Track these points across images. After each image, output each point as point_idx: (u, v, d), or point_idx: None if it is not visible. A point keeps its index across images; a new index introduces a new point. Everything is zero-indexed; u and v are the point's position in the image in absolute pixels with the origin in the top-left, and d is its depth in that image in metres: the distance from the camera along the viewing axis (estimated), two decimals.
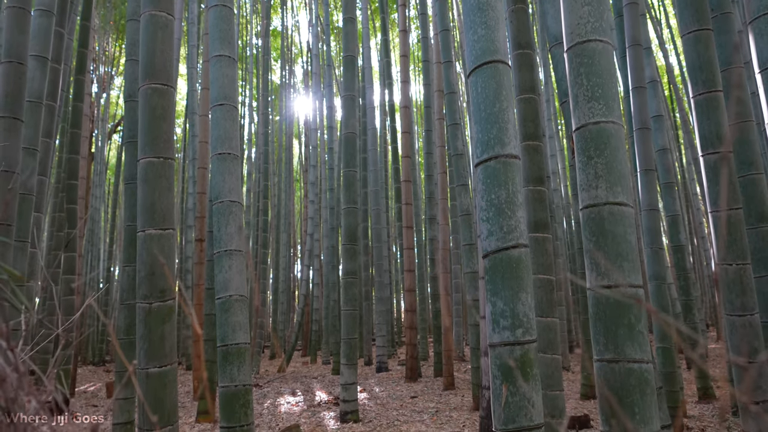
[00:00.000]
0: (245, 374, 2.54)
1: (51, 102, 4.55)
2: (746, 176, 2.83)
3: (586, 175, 1.67)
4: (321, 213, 12.78)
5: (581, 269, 6.35)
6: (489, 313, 1.53)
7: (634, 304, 1.57)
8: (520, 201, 1.57)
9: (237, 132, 2.84)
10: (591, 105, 1.70)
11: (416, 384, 6.78)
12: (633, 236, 1.64)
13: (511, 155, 1.59)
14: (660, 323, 4.00)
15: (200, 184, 7.12)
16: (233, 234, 2.67)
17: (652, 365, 1.59)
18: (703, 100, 2.67)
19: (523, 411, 1.45)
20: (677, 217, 5.19)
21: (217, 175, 2.77)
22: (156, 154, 2.05)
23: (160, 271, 1.97)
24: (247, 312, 2.60)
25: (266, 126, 11.68)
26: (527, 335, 1.48)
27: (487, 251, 1.56)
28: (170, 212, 2.03)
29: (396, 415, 4.95)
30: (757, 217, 2.80)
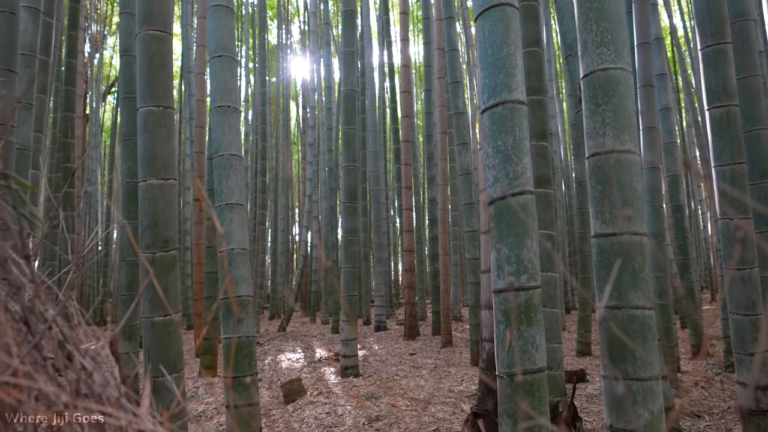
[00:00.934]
0: (248, 326, 2.56)
1: (44, 57, 4.45)
2: (751, 131, 2.80)
3: (593, 123, 1.65)
4: (319, 175, 12.74)
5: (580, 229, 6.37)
6: (494, 259, 1.54)
7: (638, 252, 1.57)
8: (526, 147, 1.55)
9: (236, 85, 2.79)
10: (600, 51, 1.67)
11: (415, 342, 6.89)
12: (639, 184, 1.63)
13: (518, 101, 1.56)
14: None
15: (198, 144, 7.05)
16: (234, 187, 2.65)
17: (654, 312, 1.61)
18: (710, 52, 2.62)
19: (527, 355, 1.47)
20: (677, 177, 5.18)
21: (217, 128, 2.73)
22: (155, 103, 2.02)
23: (163, 221, 1.96)
24: (249, 265, 2.61)
25: (263, 86, 11.50)
26: (532, 281, 1.48)
27: (493, 198, 1.55)
28: (171, 162, 2.01)
29: (395, 370, 5.05)
30: (760, 172, 2.79)
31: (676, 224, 5.22)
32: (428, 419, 3.40)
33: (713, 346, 5.72)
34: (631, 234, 1.57)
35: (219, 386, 4.62)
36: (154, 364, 1.83)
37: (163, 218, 1.95)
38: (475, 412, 2.70)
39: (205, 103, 7.31)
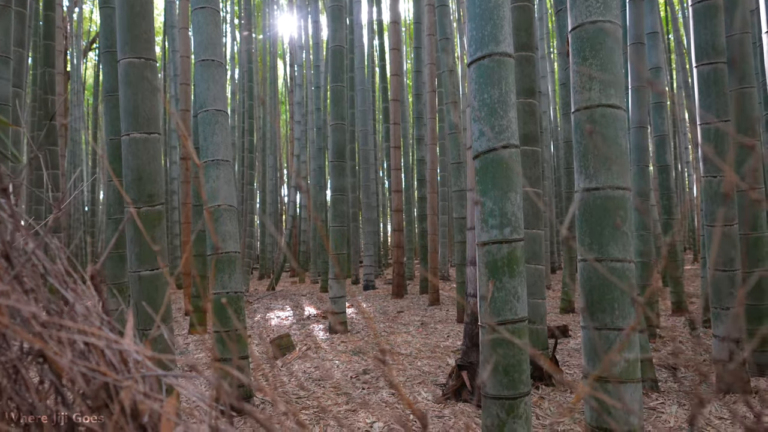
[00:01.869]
0: (236, 281, 2.59)
1: (20, 8, 4.30)
2: (738, 89, 2.81)
3: (580, 77, 1.64)
4: (308, 135, 12.61)
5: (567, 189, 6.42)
6: (478, 213, 1.55)
7: (620, 206, 1.59)
8: (513, 101, 1.54)
9: (220, 38, 2.73)
10: (588, 3, 1.65)
11: (402, 300, 7.00)
12: (624, 139, 1.64)
13: (505, 53, 1.55)
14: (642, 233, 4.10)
15: (183, 102, 6.92)
16: (220, 144, 2.62)
17: (634, 264, 1.64)
18: (701, 8, 2.59)
19: (509, 305, 1.50)
20: (665, 137, 5.20)
21: (201, 83, 2.68)
22: (136, 54, 1.97)
23: (147, 175, 1.94)
24: (237, 222, 2.61)
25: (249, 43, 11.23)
26: (515, 234, 1.50)
27: (478, 151, 1.56)
28: (155, 115, 1.97)
29: (383, 327, 5.14)
30: (745, 131, 2.81)
31: (661, 184, 5.27)
32: (414, 372, 3.49)
33: (693, 303, 5.87)
34: (614, 188, 1.59)
35: (209, 342, 4.69)
36: (141, 317, 1.85)
37: (147, 172, 1.94)
38: (459, 364, 2.78)
39: (189, 59, 7.13)
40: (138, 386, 0.47)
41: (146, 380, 0.48)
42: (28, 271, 0.47)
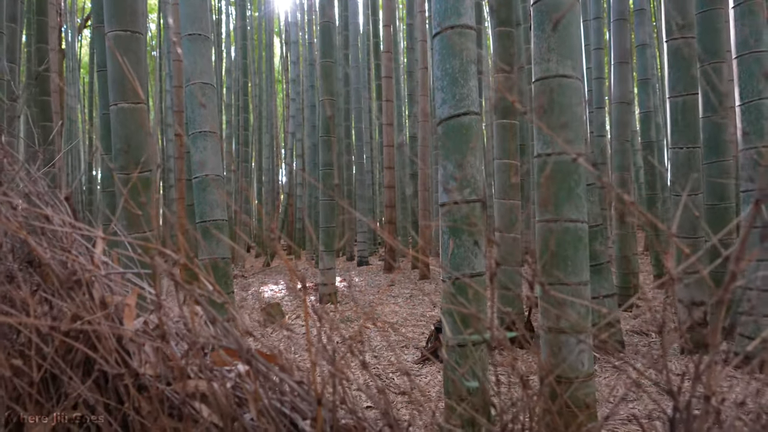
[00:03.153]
0: (224, 248, 2.71)
1: None
2: (709, 64, 2.90)
3: (539, 49, 1.75)
4: (303, 112, 12.63)
5: None
6: (440, 176, 1.67)
7: (573, 171, 1.71)
8: (473, 71, 1.65)
9: (207, 12, 2.81)
10: None
11: (393, 274, 7.15)
12: (579, 107, 1.75)
13: (466, 25, 1.65)
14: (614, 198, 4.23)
15: (177, 78, 6.98)
16: (207, 115, 2.72)
17: (587, 225, 1.76)
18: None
19: (467, 261, 1.63)
20: (649, 114, 5.28)
21: (188, 56, 2.77)
22: (123, 27, 2.06)
23: (135, 143, 2.05)
24: (224, 191, 2.72)
25: (244, 19, 11.21)
26: (473, 195, 1.62)
27: (441, 118, 1.67)
28: (141, 85, 2.07)
29: (373, 299, 5.29)
30: (712, 109, 2.91)
31: (644, 160, 5.37)
32: (398, 338, 3.64)
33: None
34: (569, 153, 1.70)
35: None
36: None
37: (135, 140, 2.04)
38: (437, 327, 2.92)
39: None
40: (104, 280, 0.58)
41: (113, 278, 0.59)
42: (15, 192, 0.59)
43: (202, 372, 0.55)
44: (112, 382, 0.59)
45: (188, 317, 0.58)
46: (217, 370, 0.57)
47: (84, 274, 0.57)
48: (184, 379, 0.54)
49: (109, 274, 0.59)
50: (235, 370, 0.59)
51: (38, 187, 0.61)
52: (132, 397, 0.58)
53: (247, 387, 0.56)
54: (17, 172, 0.58)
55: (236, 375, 0.59)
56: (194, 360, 0.55)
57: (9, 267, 0.60)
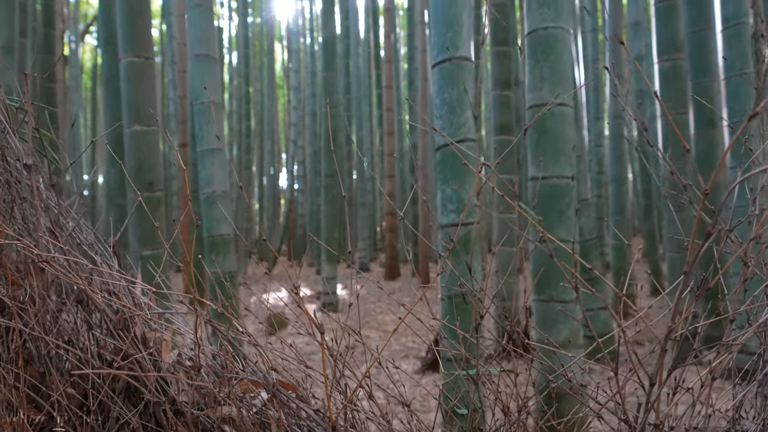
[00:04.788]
0: (230, 261, 2.80)
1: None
2: (700, 83, 2.99)
3: (533, 78, 1.84)
4: (305, 120, 12.73)
5: None
6: (439, 198, 1.76)
7: (565, 194, 1.80)
8: (470, 100, 1.74)
9: (214, 34, 2.91)
10: (542, 11, 1.84)
11: (395, 282, 7.24)
12: (570, 133, 1.84)
13: (463, 57, 1.74)
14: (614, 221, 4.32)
15: (181, 88, 7.09)
16: (214, 133, 2.82)
17: (578, 245, 1.86)
18: (663, 7, 2.77)
19: (465, 279, 1.71)
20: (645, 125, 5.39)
21: (197, 76, 2.87)
22: (136, 53, 2.16)
23: (147, 164, 2.15)
24: (230, 206, 2.81)
25: (246, 28, 11.33)
26: (470, 217, 1.71)
27: (439, 145, 1.76)
28: (154, 110, 2.17)
29: (373, 307, 5.38)
30: (705, 122, 3.00)
31: (641, 170, 5.47)
32: (398, 348, 3.73)
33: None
34: (560, 177, 1.80)
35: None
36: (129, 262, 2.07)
37: (147, 162, 2.14)
38: (437, 338, 3.01)
39: (186, 46, 7.28)
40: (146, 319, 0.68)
41: (152, 316, 0.69)
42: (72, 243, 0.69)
43: (231, 399, 0.63)
44: (153, 408, 0.68)
45: (223, 356, 0.67)
46: (244, 398, 0.66)
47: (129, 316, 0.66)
48: (216, 405, 0.63)
49: (149, 313, 0.68)
50: (259, 398, 0.68)
51: (88, 237, 0.70)
52: (170, 421, 0.68)
53: (271, 413, 0.65)
54: (73, 226, 0.67)
55: (261, 402, 0.68)
56: (224, 389, 0.64)
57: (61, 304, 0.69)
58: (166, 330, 0.68)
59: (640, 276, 6.73)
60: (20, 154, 0.66)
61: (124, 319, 0.66)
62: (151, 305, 0.66)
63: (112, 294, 0.67)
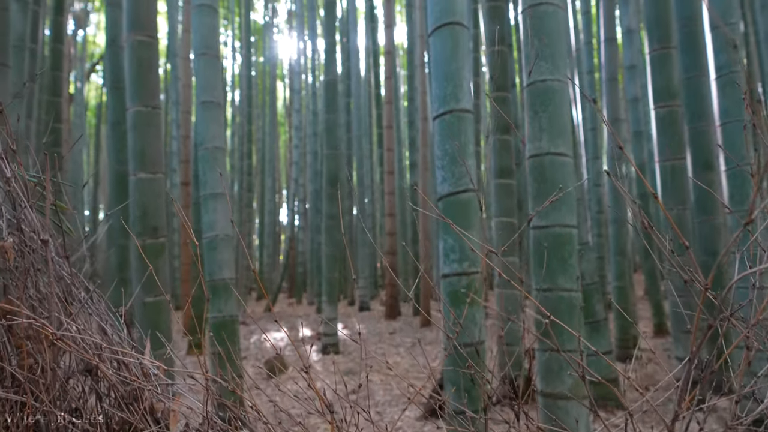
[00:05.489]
0: (232, 306, 2.79)
1: (33, 45, 4.58)
2: (696, 127, 3.05)
3: (532, 128, 1.88)
4: (306, 158, 12.86)
5: None
6: (441, 248, 1.77)
7: (566, 242, 1.82)
8: (471, 151, 1.78)
9: (219, 81, 2.98)
10: (540, 64, 1.89)
11: (395, 322, 7.18)
12: (570, 182, 1.87)
13: (464, 110, 1.79)
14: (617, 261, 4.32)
15: (184, 128, 7.20)
16: (218, 178, 2.86)
17: (580, 294, 1.86)
18: (657, 56, 2.85)
19: (467, 330, 1.71)
20: (643, 166, 5.44)
21: (202, 122, 2.92)
22: (144, 103, 2.21)
23: (152, 211, 2.17)
24: (232, 250, 2.83)
25: (249, 69, 11.56)
26: (472, 267, 1.72)
27: (441, 195, 1.78)
28: (159, 158, 2.21)
29: (374, 348, 5.32)
30: (703, 166, 3.04)
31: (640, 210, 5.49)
32: (399, 392, 3.68)
33: None
34: (562, 226, 1.82)
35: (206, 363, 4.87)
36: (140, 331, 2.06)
37: (152, 209, 2.16)
38: (440, 384, 2.97)
39: (190, 87, 7.42)
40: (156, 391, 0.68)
41: (160, 387, 0.70)
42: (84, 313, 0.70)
43: None
44: None
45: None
46: None
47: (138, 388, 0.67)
48: None
49: (158, 385, 0.69)
50: None
51: (99, 307, 0.71)
52: None
53: None
54: (86, 298, 0.68)
55: None
56: None
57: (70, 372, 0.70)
58: (174, 396, 0.68)
59: (642, 315, 6.69)
60: (36, 227, 0.68)
61: (134, 390, 0.66)
62: (159, 376, 0.67)
63: (121, 365, 0.68)
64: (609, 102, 4.46)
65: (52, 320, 0.68)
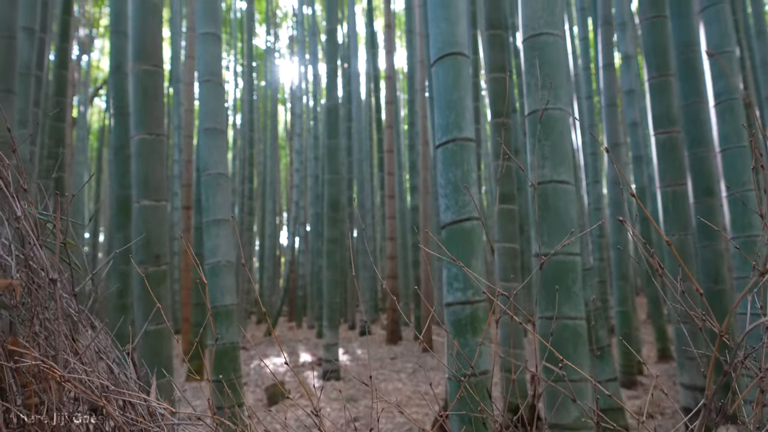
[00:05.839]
0: (233, 333, 2.77)
1: (39, 72, 4.63)
2: (695, 153, 3.06)
3: (535, 156, 1.89)
4: (306, 181, 12.90)
5: None
6: (445, 276, 1.77)
7: (570, 270, 1.81)
8: (474, 179, 1.78)
9: (223, 108, 3.01)
10: (541, 93, 1.91)
11: (396, 346, 7.12)
12: (573, 210, 1.87)
13: (467, 138, 1.80)
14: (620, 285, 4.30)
15: (186, 152, 7.24)
16: (220, 204, 2.86)
17: (586, 322, 1.85)
18: (656, 83, 2.88)
19: (472, 360, 1.70)
20: (644, 190, 5.46)
21: (205, 148, 2.94)
22: (148, 131, 2.23)
23: (155, 239, 2.17)
24: (234, 276, 2.82)
25: (251, 93, 11.68)
26: (476, 296, 1.72)
27: (445, 223, 1.79)
28: (163, 185, 2.22)
29: (375, 374, 5.26)
30: (704, 192, 3.05)
31: (643, 235, 5.49)
32: (402, 420, 3.63)
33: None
34: (566, 254, 1.81)
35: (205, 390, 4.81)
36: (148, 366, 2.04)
37: (155, 236, 2.16)
38: (444, 407, 2.93)
39: (193, 112, 7.49)
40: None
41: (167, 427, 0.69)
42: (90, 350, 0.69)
43: None
44: None
45: None
46: None
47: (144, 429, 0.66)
48: None
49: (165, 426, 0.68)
50: None
51: (106, 345, 0.71)
52: None
53: None
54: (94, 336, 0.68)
55: None
56: None
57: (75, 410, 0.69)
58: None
59: (645, 339, 6.63)
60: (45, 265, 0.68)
61: (140, 431, 0.65)
62: (166, 416, 0.66)
63: (127, 404, 0.67)
64: (608, 127, 4.50)
65: (58, 359, 0.68)
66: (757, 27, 5.26)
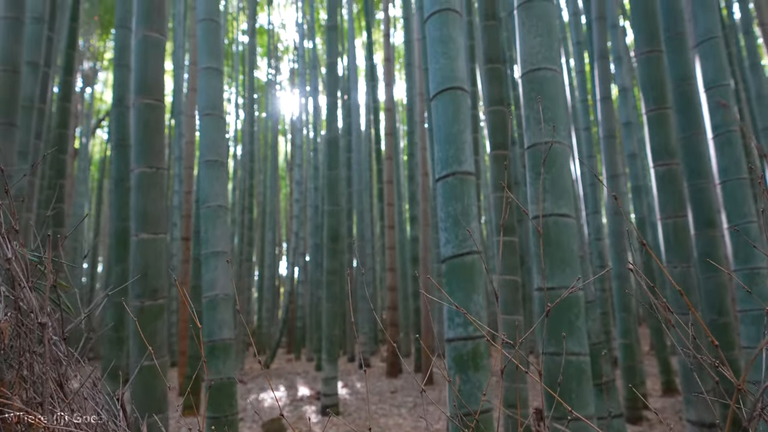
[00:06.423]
0: (230, 368, 2.72)
1: (42, 104, 4.68)
2: (695, 184, 3.07)
3: (535, 190, 1.89)
4: (306, 211, 12.91)
5: None
6: (446, 311, 1.74)
7: (573, 305, 1.78)
8: (474, 213, 1.77)
9: (224, 140, 3.02)
10: (540, 127, 1.92)
11: (397, 379, 7.00)
12: (574, 244, 1.85)
13: (467, 172, 1.80)
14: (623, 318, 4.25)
15: (186, 184, 7.26)
16: (220, 236, 2.85)
17: (589, 357, 1.81)
18: (653, 116, 2.90)
19: (473, 397, 1.66)
20: (643, 219, 5.45)
21: (205, 180, 2.94)
22: (149, 165, 2.23)
23: (153, 272, 2.15)
24: (232, 309, 2.78)
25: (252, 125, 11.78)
26: (478, 331, 1.69)
27: (445, 257, 1.77)
28: (162, 218, 2.21)
29: (375, 408, 5.16)
30: (705, 223, 3.04)
31: (644, 265, 5.46)
32: None
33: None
34: (568, 288, 1.79)
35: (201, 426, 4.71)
36: (140, 404, 1.99)
37: (153, 270, 2.14)
38: None
39: (194, 144, 7.53)
40: None
41: None
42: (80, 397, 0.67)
43: None
44: None
45: None
46: None
47: None
48: None
49: None
50: None
51: (95, 391, 0.68)
52: None
53: None
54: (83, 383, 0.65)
55: None
56: None
57: None
58: None
59: (649, 371, 6.53)
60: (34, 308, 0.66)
61: None
62: None
63: None
64: (607, 158, 4.52)
65: (44, 407, 0.65)
66: (751, 60, 5.34)
